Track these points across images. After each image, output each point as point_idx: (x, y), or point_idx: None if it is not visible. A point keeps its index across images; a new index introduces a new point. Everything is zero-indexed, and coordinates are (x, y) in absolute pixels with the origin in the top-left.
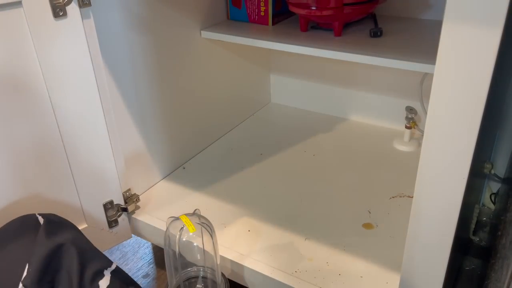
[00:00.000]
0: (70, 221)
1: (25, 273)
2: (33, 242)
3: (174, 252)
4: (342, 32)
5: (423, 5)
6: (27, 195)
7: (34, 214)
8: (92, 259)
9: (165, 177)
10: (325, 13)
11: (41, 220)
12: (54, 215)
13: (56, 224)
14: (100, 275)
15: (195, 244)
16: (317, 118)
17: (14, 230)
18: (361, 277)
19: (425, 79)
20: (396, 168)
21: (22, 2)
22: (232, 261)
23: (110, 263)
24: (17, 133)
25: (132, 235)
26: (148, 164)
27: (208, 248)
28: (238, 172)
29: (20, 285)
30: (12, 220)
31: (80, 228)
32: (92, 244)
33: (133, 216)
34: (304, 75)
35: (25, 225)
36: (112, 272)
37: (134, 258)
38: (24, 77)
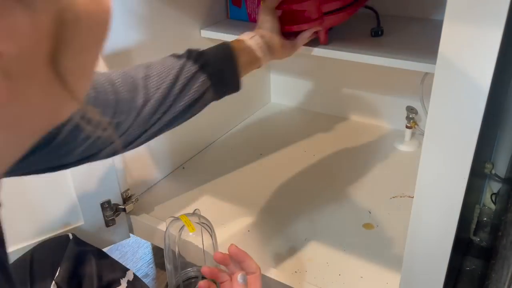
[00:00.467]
0: (68, 221)
1: (57, 274)
2: (64, 251)
3: (174, 252)
4: (328, 39)
5: (423, 4)
6: (24, 194)
7: (67, 234)
8: (110, 268)
9: (165, 177)
10: (305, 27)
11: (71, 236)
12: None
13: (81, 240)
14: (117, 283)
15: (194, 244)
16: (317, 118)
17: (50, 244)
18: (361, 277)
19: (426, 79)
20: (397, 168)
21: None
22: None
23: (126, 273)
24: None
25: (132, 235)
26: (147, 164)
27: (208, 248)
28: (238, 172)
29: (53, 282)
30: (49, 238)
31: (77, 225)
32: (113, 258)
33: (133, 216)
34: (304, 75)
35: (58, 240)
36: (128, 282)
37: (134, 258)
38: None
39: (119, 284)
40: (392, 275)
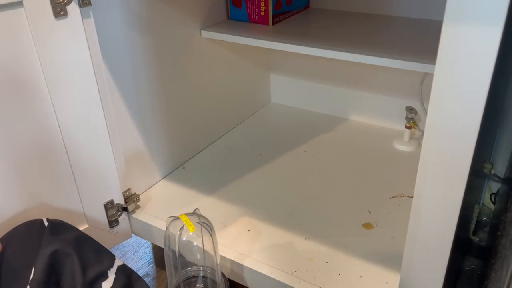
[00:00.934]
0: (72, 224)
1: (31, 276)
2: (39, 245)
3: (174, 252)
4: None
5: (423, 4)
6: (28, 195)
7: (41, 219)
8: (95, 260)
9: (165, 176)
10: None
11: (46, 223)
12: (59, 220)
13: (59, 226)
14: (104, 276)
15: (195, 243)
16: (317, 118)
17: (22, 234)
18: (361, 277)
19: (425, 79)
20: (396, 168)
21: (23, 2)
22: (232, 261)
23: (113, 263)
24: (17, 133)
25: (132, 234)
26: (148, 163)
27: (208, 247)
28: (238, 172)
29: (28, 287)
30: (20, 225)
31: (81, 228)
32: (97, 243)
33: (133, 215)
34: (304, 75)
35: (31, 229)
36: (116, 272)
37: (134, 257)
38: (25, 76)
39: (106, 277)
40: (391, 275)
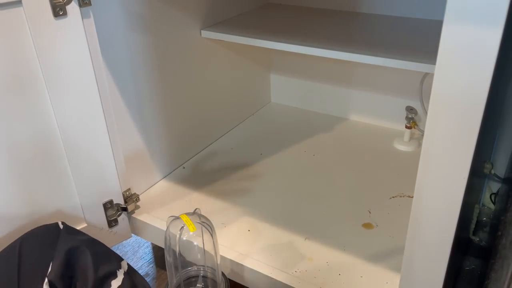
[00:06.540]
0: (71, 223)
1: (49, 269)
2: (55, 243)
3: (174, 252)
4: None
5: (423, 4)
6: (26, 194)
7: (56, 222)
8: (106, 260)
9: (165, 176)
10: None
11: (61, 225)
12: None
13: (73, 229)
14: (114, 275)
15: (195, 243)
16: (317, 118)
17: (39, 234)
18: (361, 277)
19: (426, 79)
20: (396, 168)
21: (22, 1)
22: (232, 261)
23: (121, 264)
24: (15, 133)
25: (132, 234)
26: (148, 163)
27: (208, 247)
28: (238, 172)
29: (46, 280)
30: (38, 227)
31: (79, 227)
32: (106, 246)
33: (133, 215)
34: (304, 75)
35: (48, 229)
36: (125, 273)
37: (134, 257)
38: (24, 76)
39: (116, 276)
40: (392, 275)
